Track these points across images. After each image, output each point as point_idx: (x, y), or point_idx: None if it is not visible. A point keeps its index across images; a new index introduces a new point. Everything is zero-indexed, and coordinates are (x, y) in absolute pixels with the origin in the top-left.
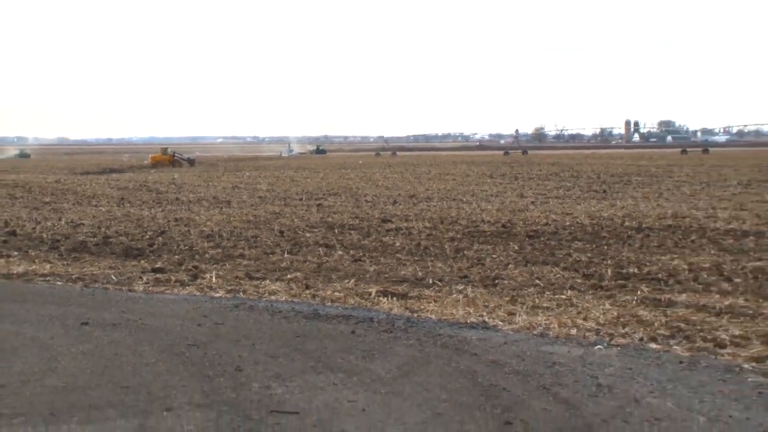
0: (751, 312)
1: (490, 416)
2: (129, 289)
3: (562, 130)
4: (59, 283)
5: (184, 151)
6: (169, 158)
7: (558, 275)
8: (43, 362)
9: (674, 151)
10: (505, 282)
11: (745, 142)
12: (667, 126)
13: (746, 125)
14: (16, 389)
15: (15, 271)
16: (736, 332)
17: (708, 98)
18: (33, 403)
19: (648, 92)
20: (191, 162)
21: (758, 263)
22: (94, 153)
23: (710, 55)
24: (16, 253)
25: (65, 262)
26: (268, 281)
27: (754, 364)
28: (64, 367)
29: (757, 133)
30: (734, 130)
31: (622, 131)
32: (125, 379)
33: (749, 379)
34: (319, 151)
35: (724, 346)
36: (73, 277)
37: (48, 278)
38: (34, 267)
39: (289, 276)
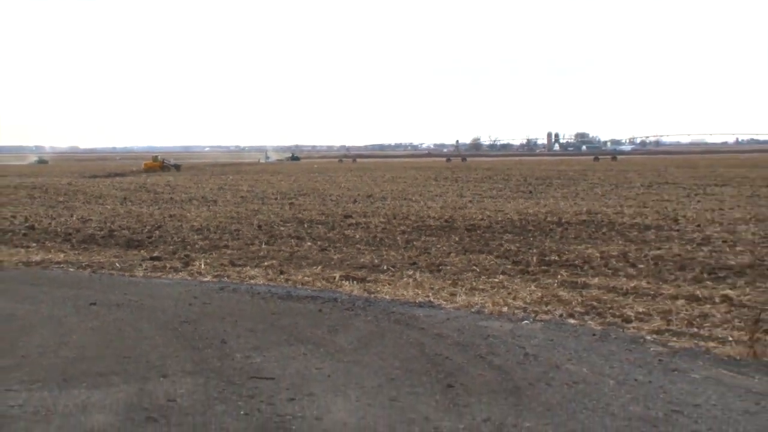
0: (652, 292)
1: (435, 380)
2: (130, 274)
3: (495, 141)
4: (71, 269)
5: (178, 158)
6: (159, 164)
7: (492, 262)
8: (58, 336)
9: (588, 159)
10: (448, 268)
11: (646, 150)
12: (582, 137)
13: (648, 136)
14: (34, 359)
15: (34, 260)
16: (640, 309)
17: (616, 113)
18: (49, 371)
19: (566, 108)
20: (177, 167)
21: (658, 252)
22: (101, 160)
23: (617, 75)
24: (34, 244)
25: (76, 252)
26: (248, 268)
27: (654, 335)
28: (75, 341)
29: (657, 143)
30: (638, 141)
31: (545, 141)
32: (127, 350)
33: (651, 349)
34: (294, 158)
35: (630, 321)
36: (83, 264)
37: (62, 265)
38: (50, 256)
39: (266, 263)
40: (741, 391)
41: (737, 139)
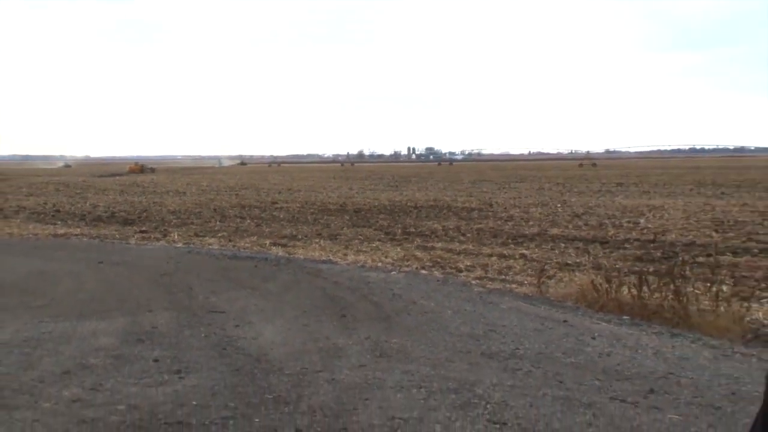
0: (475, 252)
1: (333, 312)
2: (126, 242)
3: (372, 152)
4: (85, 239)
5: (157, 164)
6: (140, 168)
7: (371, 233)
8: (76, 285)
9: (434, 165)
10: (342, 237)
11: (473, 159)
12: (430, 150)
13: (473, 149)
14: (59, 301)
15: (59, 232)
16: (468, 263)
17: (452, 132)
18: (70, 309)
19: (420, 129)
20: (153, 170)
21: (479, 226)
22: (105, 164)
23: (452, 106)
24: (59, 222)
25: (89, 227)
26: (207, 237)
27: (477, 280)
28: (88, 288)
29: (479, 153)
30: (467, 152)
31: (406, 152)
32: (124, 294)
33: (475, 289)
34: (243, 164)
35: (461, 271)
36: (93, 235)
37: (78, 236)
38: (70, 230)
39: (219, 234)
40: (532, 316)
41: (529, 151)
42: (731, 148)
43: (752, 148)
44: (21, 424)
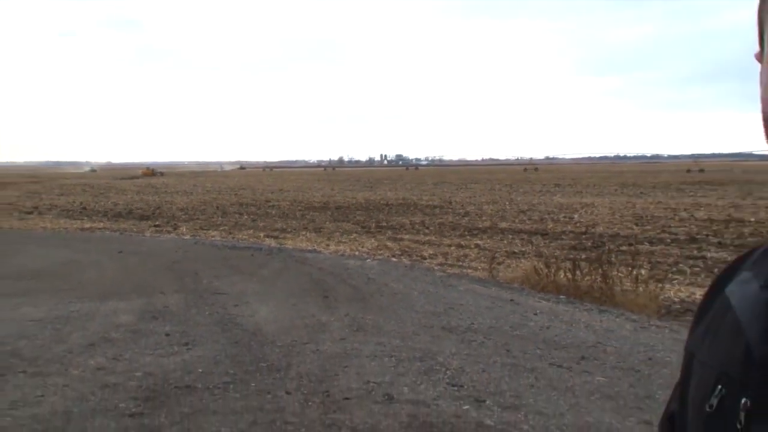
0: (437, 243)
1: (317, 293)
2: (142, 235)
3: (351, 158)
4: (107, 232)
5: (167, 168)
6: (151, 172)
7: (349, 227)
8: (99, 272)
9: (402, 169)
10: (325, 230)
11: (435, 164)
12: (399, 156)
13: (435, 156)
14: (85, 285)
15: (85, 227)
16: (431, 252)
17: (418, 141)
18: (94, 292)
19: (391, 137)
20: (162, 174)
21: (441, 220)
22: (125, 169)
23: (417, 120)
24: (85, 218)
25: (110, 222)
26: (211, 231)
27: (439, 266)
28: (109, 275)
29: (441, 160)
30: (431, 158)
31: (379, 159)
32: (140, 280)
33: (437, 274)
34: (242, 168)
35: (425, 259)
36: (114, 229)
37: (102, 230)
38: (94, 224)
39: (221, 228)
40: (485, 296)
41: (483, 157)
42: (648, 155)
43: (665, 155)
44: (54, 388)
